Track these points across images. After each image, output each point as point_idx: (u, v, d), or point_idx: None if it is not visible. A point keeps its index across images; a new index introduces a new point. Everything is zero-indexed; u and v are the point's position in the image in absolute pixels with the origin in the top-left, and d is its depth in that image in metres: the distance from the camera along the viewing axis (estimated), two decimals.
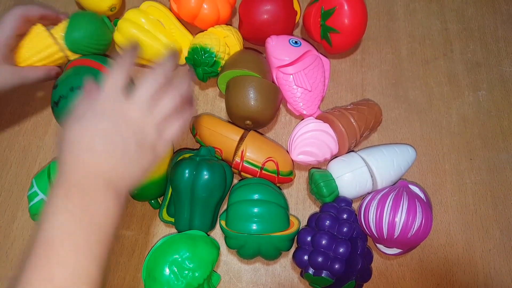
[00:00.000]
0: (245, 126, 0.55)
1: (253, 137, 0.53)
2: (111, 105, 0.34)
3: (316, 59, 0.56)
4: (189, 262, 0.45)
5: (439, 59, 0.64)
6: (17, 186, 0.54)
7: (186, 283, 0.45)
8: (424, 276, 0.52)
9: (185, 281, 0.45)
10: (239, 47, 0.57)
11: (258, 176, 0.52)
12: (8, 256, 0.51)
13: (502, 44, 0.65)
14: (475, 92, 0.62)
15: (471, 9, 0.67)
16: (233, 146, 0.52)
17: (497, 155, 0.58)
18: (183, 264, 0.45)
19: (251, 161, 0.52)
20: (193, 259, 0.46)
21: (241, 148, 0.52)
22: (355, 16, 0.54)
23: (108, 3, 0.59)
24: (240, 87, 0.52)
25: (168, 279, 0.45)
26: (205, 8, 0.56)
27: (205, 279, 0.46)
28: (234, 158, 0.52)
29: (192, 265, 0.45)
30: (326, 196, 0.51)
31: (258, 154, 0.52)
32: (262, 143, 0.53)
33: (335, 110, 0.55)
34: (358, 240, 0.48)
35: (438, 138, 0.59)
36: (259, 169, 0.52)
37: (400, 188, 0.50)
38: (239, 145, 0.53)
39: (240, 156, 0.51)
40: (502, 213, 0.55)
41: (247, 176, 0.53)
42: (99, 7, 0.60)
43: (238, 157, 0.52)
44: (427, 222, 0.47)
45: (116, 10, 0.62)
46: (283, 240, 0.48)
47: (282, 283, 0.51)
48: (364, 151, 0.54)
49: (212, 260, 0.47)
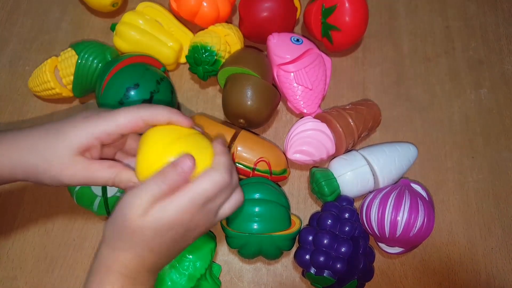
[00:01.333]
0: (239, 124, 0.54)
1: (244, 137, 0.53)
2: (193, 216, 0.31)
3: (317, 57, 0.55)
4: (188, 254, 0.46)
5: (440, 57, 0.63)
6: (17, 186, 0.54)
7: (188, 274, 0.45)
8: (426, 275, 0.52)
9: (187, 273, 0.45)
10: (239, 46, 0.57)
11: (251, 176, 0.52)
12: (9, 256, 0.51)
13: (504, 42, 0.64)
14: (477, 90, 0.61)
15: (473, 6, 0.67)
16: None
17: (499, 153, 0.58)
18: (183, 257, 0.46)
19: (243, 162, 0.51)
20: (192, 250, 0.46)
21: (232, 149, 0.52)
22: (356, 14, 0.54)
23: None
24: (238, 85, 0.52)
25: (170, 274, 0.45)
26: (205, 6, 0.56)
27: (206, 268, 0.46)
28: None
29: (192, 256, 0.46)
30: (328, 195, 0.51)
31: (250, 155, 0.52)
32: (253, 144, 0.52)
33: (333, 110, 0.55)
34: (360, 239, 0.48)
35: (440, 136, 0.58)
36: (251, 170, 0.51)
37: (402, 186, 0.50)
38: (230, 145, 0.53)
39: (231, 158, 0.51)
40: (504, 212, 0.55)
41: (241, 177, 0.53)
42: (102, 3, 0.60)
43: None
44: (429, 221, 0.47)
45: (118, 5, 0.62)
46: (285, 240, 0.48)
47: (283, 282, 0.51)
48: (366, 150, 0.54)
49: (210, 249, 0.47)
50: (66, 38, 0.63)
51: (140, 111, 0.33)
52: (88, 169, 0.33)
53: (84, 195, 0.48)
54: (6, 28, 0.64)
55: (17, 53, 0.62)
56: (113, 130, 0.33)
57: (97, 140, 0.33)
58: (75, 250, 0.51)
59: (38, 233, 0.52)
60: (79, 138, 0.32)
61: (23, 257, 0.51)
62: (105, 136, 0.33)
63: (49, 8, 0.65)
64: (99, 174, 0.33)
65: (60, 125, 0.33)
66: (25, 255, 0.51)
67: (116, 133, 0.33)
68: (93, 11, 0.64)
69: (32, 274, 0.50)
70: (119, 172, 0.33)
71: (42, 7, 0.65)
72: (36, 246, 0.51)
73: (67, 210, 0.53)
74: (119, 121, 0.33)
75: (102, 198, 0.48)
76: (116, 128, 0.33)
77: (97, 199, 0.48)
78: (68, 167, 0.32)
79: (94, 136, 0.32)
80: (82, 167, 0.33)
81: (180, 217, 0.30)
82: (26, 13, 0.65)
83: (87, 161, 0.33)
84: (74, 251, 0.51)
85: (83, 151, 0.33)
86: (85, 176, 0.33)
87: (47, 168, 0.32)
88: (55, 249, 0.51)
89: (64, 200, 0.53)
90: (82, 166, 0.33)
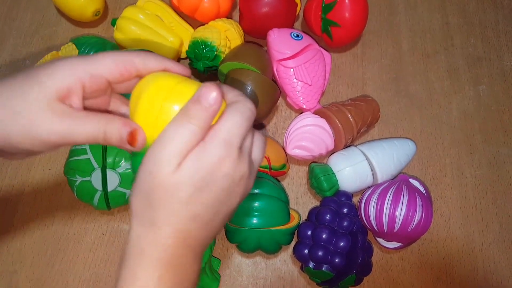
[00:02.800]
0: None
1: None
2: (234, 161, 0.25)
3: (317, 53, 0.55)
4: None
5: (440, 53, 0.64)
6: (17, 181, 0.54)
7: None
8: (424, 269, 0.52)
9: None
10: (240, 41, 0.57)
11: None
12: (9, 250, 0.51)
13: (503, 39, 0.65)
14: (475, 86, 0.62)
15: (472, 3, 0.67)
16: None
17: (497, 149, 0.58)
18: None
19: None
20: None
21: None
22: (356, 10, 0.54)
23: (91, 8, 0.59)
24: (238, 81, 0.52)
25: None
26: (205, 1, 0.56)
27: (206, 263, 0.47)
28: None
29: None
30: (327, 190, 0.51)
31: None
32: None
33: (333, 105, 0.55)
34: (359, 234, 0.48)
35: (439, 132, 0.59)
36: None
37: (401, 182, 0.50)
38: None
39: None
40: (501, 207, 0.55)
41: None
42: (84, 13, 0.59)
43: None
44: (427, 216, 0.47)
45: (100, 14, 0.61)
46: (284, 234, 0.49)
47: (282, 277, 0.52)
48: (364, 145, 0.54)
49: (210, 244, 0.47)
50: (66, 33, 0.63)
51: (131, 54, 0.27)
52: (70, 118, 0.25)
53: (85, 189, 0.48)
54: (6, 22, 0.64)
55: (17, 47, 0.62)
56: (98, 73, 0.26)
57: (79, 84, 0.25)
58: (75, 244, 0.51)
59: (38, 227, 0.52)
60: (57, 80, 0.25)
61: (23, 251, 0.51)
62: (88, 80, 0.26)
63: (49, 3, 0.65)
64: (84, 126, 0.25)
65: (33, 69, 0.26)
66: (25, 250, 0.51)
67: (101, 76, 0.26)
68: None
69: (32, 268, 0.50)
70: (109, 121, 0.26)
71: (42, 1, 0.65)
72: (36, 240, 0.51)
73: (67, 205, 0.53)
74: (106, 62, 0.26)
75: (103, 193, 0.48)
76: (102, 70, 0.26)
77: (97, 193, 0.48)
78: (44, 116, 0.24)
79: (75, 77, 0.25)
80: (62, 116, 0.25)
81: (221, 165, 0.24)
82: (26, 7, 0.65)
83: (68, 109, 0.25)
84: (74, 245, 0.51)
85: (62, 96, 0.25)
86: (66, 128, 0.25)
87: (16, 119, 0.24)
88: (55, 243, 0.51)
89: (64, 194, 0.53)
90: (61, 115, 0.25)
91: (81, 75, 0.25)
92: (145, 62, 0.27)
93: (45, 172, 0.55)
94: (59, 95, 0.25)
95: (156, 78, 0.26)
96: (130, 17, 0.56)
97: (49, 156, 0.55)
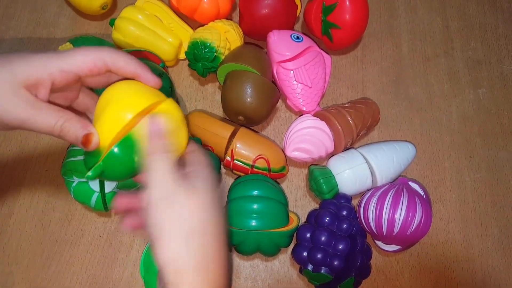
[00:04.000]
0: (238, 121, 0.54)
1: (243, 134, 0.53)
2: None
3: (317, 55, 0.55)
4: None
5: (439, 56, 0.63)
6: (13, 182, 0.54)
7: None
8: (423, 273, 0.52)
9: None
10: (239, 42, 0.57)
11: (250, 174, 0.52)
12: (5, 251, 0.50)
13: (503, 42, 0.65)
14: (475, 90, 0.62)
15: (472, 6, 0.67)
16: (224, 144, 0.52)
17: (497, 153, 0.58)
18: None
19: (242, 159, 0.51)
20: None
21: (231, 146, 0.51)
22: (357, 12, 0.54)
23: (99, 1, 0.58)
24: (238, 82, 0.52)
25: None
26: (205, 2, 0.56)
27: None
28: (225, 156, 0.52)
29: None
30: (326, 193, 0.51)
31: (248, 152, 0.52)
32: (252, 141, 0.52)
33: (333, 108, 0.55)
34: (358, 237, 0.48)
35: (438, 136, 0.59)
36: (250, 167, 0.51)
37: (400, 185, 0.50)
38: (229, 142, 0.53)
39: (231, 155, 0.51)
40: (500, 211, 0.55)
41: (240, 174, 0.53)
42: (91, 6, 0.59)
43: (229, 156, 0.52)
44: (427, 219, 0.47)
45: (108, 8, 0.61)
46: (282, 237, 0.48)
47: (281, 279, 0.51)
48: (364, 148, 0.54)
49: None
50: (64, 33, 0.62)
51: (102, 51, 0.29)
52: (32, 107, 0.27)
53: (82, 190, 0.47)
54: (3, 22, 0.63)
55: (14, 47, 0.61)
56: (69, 68, 0.28)
57: (49, 77, 0.27)
58: (72, 246, 0.51)
59: (34, 229, 0.52)
60: (27, 71, 0.27)
61: (20, 252, 0.51)
62: (58, 74, 0.28)
63: (47, 3, 0.64)
64: (44, 117, 0.27)
65: (8, 56, 0.28)
66: (21, 251, 0.51)
67: (71, 72, 0.28)
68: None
69: (28, 270, 0.50)
70: (68, 119, 0.28)
71: (40, 1, 0.65)
72: (33, 242, 0.51)
73: (64, 206, 0.53)
74: (76, 59, 0.28)
75: (100, 194, 0.47)
76: (72, 65, 0.28)
77: (94, 194, 0.47)
78: (8, 99, 0.26)
79: (45, 70, 0.27)
80: (25, 103, 0.27)
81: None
82: (23, 7, 0.64)
83: (32, 98, 0.27)
84: (71, 247, 0.51)
85: (29, 85, 0.27)
86: (26, 115, 0.27)
87: None
88: (51, 244, 0.51)
89: (61, 196, 0.53)
90: (25, 102, 0.27)
91: (52, 70, 0.28)
92: (115, 62, 0.29)
93: (42, 173, 0.54)
94: (26, 84, 0.27)
95: (120, 88, 0.30)
96: (129, 18, 0.56)
97: (46, 157, 0.55)
